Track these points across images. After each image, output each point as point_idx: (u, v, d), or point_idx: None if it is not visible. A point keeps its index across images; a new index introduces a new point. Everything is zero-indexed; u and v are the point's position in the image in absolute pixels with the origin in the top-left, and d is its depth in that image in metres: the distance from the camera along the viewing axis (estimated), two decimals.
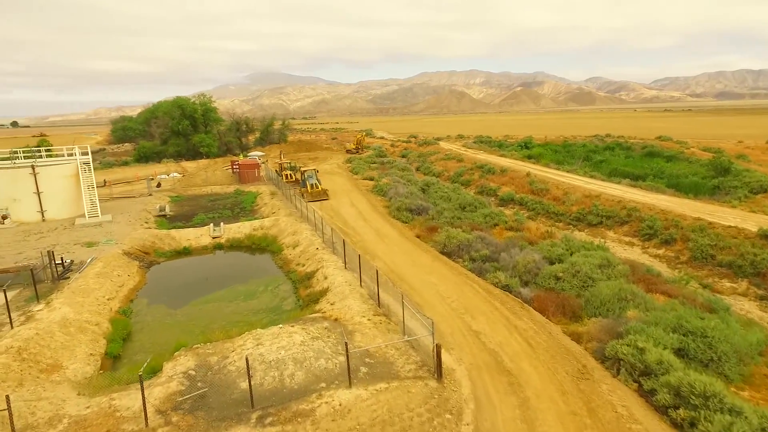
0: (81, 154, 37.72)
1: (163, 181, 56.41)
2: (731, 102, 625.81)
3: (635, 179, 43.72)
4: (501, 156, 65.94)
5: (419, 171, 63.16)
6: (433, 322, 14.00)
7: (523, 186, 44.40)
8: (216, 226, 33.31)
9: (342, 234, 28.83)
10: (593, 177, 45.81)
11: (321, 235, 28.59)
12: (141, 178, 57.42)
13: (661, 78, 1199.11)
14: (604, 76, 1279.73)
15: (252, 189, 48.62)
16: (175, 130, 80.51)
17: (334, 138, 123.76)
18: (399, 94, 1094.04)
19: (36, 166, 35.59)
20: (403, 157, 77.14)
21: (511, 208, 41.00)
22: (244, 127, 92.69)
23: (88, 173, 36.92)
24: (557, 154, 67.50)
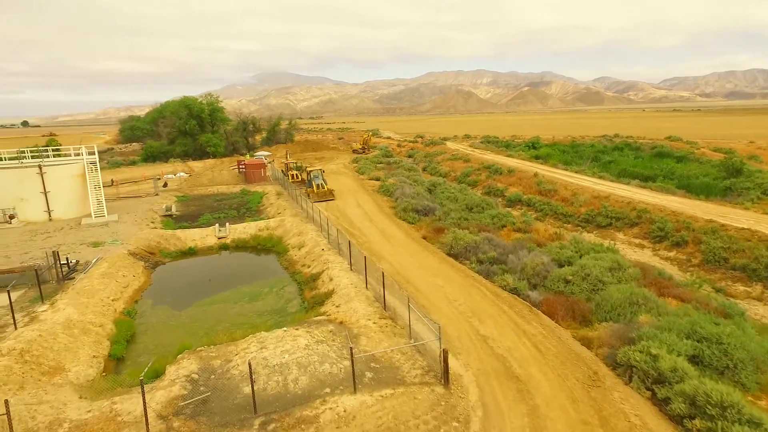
0: (88, 153, 37.78)
1: (170, 181, 56.50)
2: (742, 102, 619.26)
3: (645, 180, 43.18)
4: (508, 156, 65.45)
5: (426, 171, 62.83)
6: (440, 326, 13.71)
7: (531, 187, 43.95)
8: (221, 226, 33.19)
9: (348, 235, 28.58)
10: (602, 178, 45.28)
11: (326, 236, 28.36)
12: (148, 177, 57.58)
13: (670, 78, 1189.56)
14: (612, 75, 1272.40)
15: (258, 189, 48.53)
16: (183, 129, 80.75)
17: (340, 138, 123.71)
18: (406, 94, 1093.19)
19: (43, 165, 35.67)
20: (410, 157, 76.85)
21: (519, 209, 40.59)
22: (250, 127, 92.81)
23: (94, 173, 36.97)
24: (565, 154, 66.92)
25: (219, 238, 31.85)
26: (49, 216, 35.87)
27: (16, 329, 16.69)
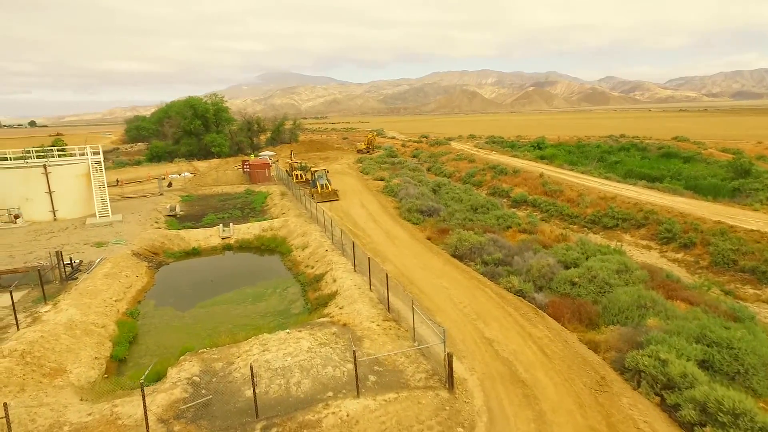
0: (92, 153, 37.81)
1: (175, 181, 56.53)
2: (749, 102, 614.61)
3: (652, 181, 42.72)
4: (513, 156, 65.05)
5: (430, 171, 62.56)
6: (445, 329, 13.50)
7: (536, 187, 43.61)
8: (225, 226, 33.11)
9: (352, 235, 28.41)
10: (608, 178, 44.84)
11: (330, 237, 28.20)
12: (153, 177, 57.62)
13: (676, 78, 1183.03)
14: (617, 75, 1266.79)
15: (262, 189, 48.46)
16: (187, 129, 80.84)
17: (345, 138, 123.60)
18: (410, 93, 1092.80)
19: (48, 165, 35.72)
20: (414, 158, 76.58)
21: (524, 209, 40.28)
22: (255, 127, 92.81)
23: (99, 173, 36.97)
24: (571, 154, 66.48)
25: (223, 238, 31.77)
26: (54, 216, 35.92)
27: (18, 330, 16.63)
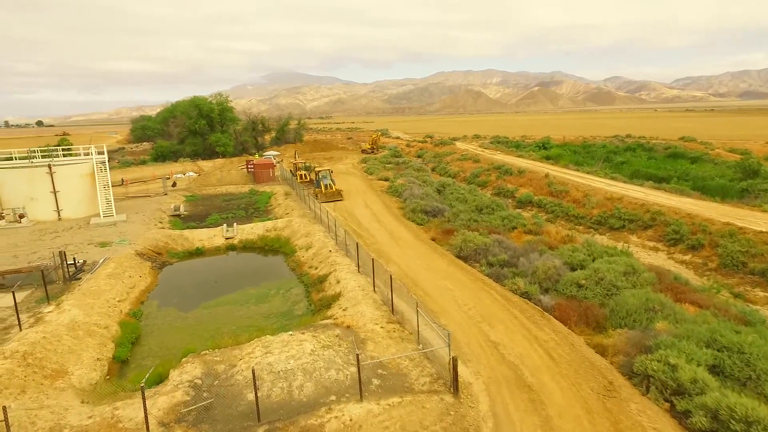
0: (97, 153, 37.83)
1: (179, 181, 56.58)
2: (757, 102, 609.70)
3: (658, 181, 42.32)
4: (518, 156, 64.74)
5: (435, 171, 62.34)
6: (450, 333, 13.29)
7: (542, 188, 43.31)
8: (229, 226, 33.03)
9: (355, 236, 28.24)
10: (614, 179, 44.50)
11: (334, 237, 28.04)
12: (158, 177, 57.68)
13: (683, 77, 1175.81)
14: (623, 75, 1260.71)
15: (266, 189, 48.37)
16: (192, 129, 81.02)
17: (349, 138, 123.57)
18: (415, 93, 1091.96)
19: (53, 165, 35.76)
20: (419, 158, 76.39)
21: (530, 210, 40.01)
22: (260, 127, 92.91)
23: (103, 172, 36.99)
24: (576, 155, 66.07)
25: (226, 238, 31.68)
26: (59, 215, 35.96)
27: (20, 330, 16.56)
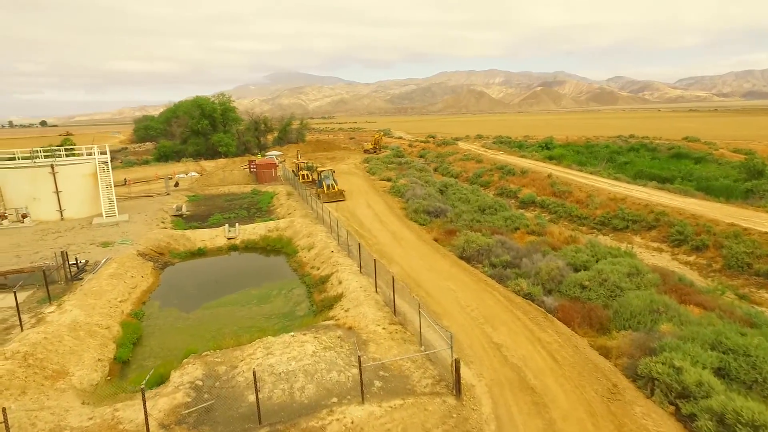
0: (99, 153, 37.86)
1: (182, 181, 56.62)
2: (761, 102, 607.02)
3: (662, 182, 42.12)
4: (521, 157, 64.54)
5: (437, 172, 62.19)
6: (452, 334, 13.18)
7: (545, 188, 43.15)
8: (231, 226, 32.98)
9: (358, 236, 28.16)
10: (618, 179, 44.29)
11: (336, 238, 27.96)
12: (160, 177, 57.73)
13: (686, 77, 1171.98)
14: (626, 75, 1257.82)
15: (269, 189, 48.34)
16: (195, 129, 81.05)
17: (352, 138, 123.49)
18: (417, 93, 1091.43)
19: (55, 165, 35.79)
20: (421, 158, 76.23)
21: (532, 210, 39.85)
22: (262, 127, 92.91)
23: (106, 172, 37.01)
24: (579, 155, 65.87)
25: (228, 238, 31.63)
26: (61, 215, 35.99)
27: (22, 331, 16.53)
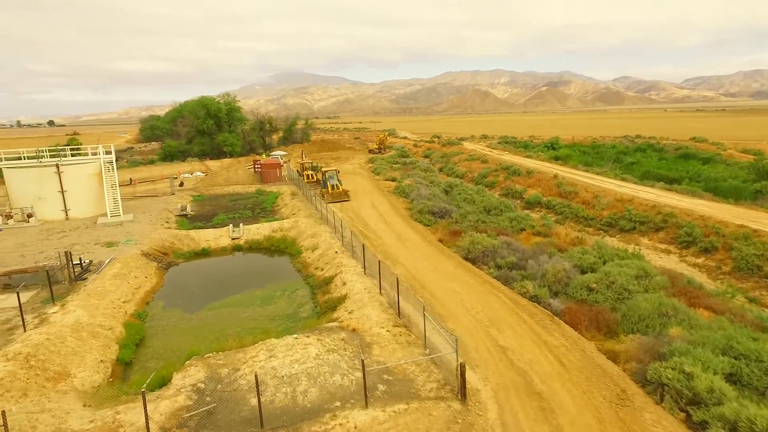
0: (104, 153, 37.88)
1: (187, 180, 56.64)
2: None
3: (670, 182, 41.66)
4: (527, 157, 64.12)
5: (442, 172, 61.93)
6: (457, 338, 12.98)
7: (551, 188, 42.80)
8: (235, 227, 32.90)
9: (362, 237, 27.98)
10: (624, 180, 43.88)
11: (340, 238, 27.80)
12: (165, 176, 57.77)
13: (693, 77, 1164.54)
14: (632, 75, 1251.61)
15: (273, 189, 48.26)
16: (200, 129, 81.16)
17: (356, 138, 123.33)
18: (422, 93, 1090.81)
19: (60, 165, 35.84)
20: (426, 158, 76.00)
21: (538, 211, 39.53)
22: (267, 127, 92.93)
23: (111, 172, 37.02)
24: (585, 155, 65.42)
25: (233, 238, 31.55)
26: (66, 215, 36.04)
27: (25, 331, 16.47)
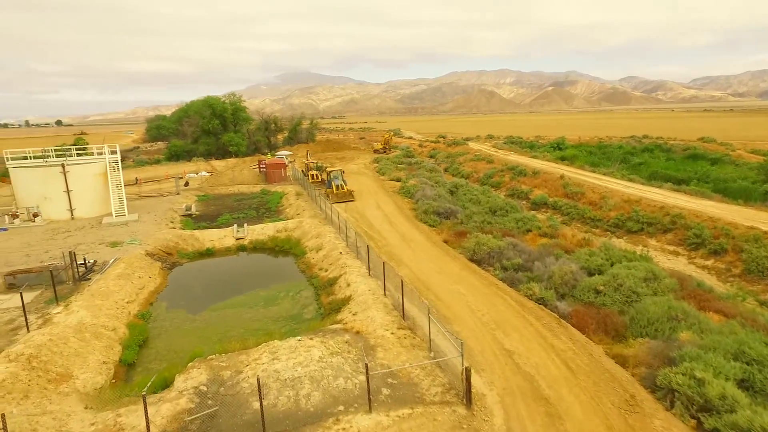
0: (110, 152, 37.94)
1: (192, 180, 56.70)
2: None
3: (678, 183, 41.27)
4: (532, 157, 63.72)
5: (448, 172, 61.66)
6: (463, 342, 12.76)
7: (557, 189, 42.47)
8: (240, 227, 32.83)
9: (366, 238, 27.82)
10: (632, 180, 43.45)
11: (345, 239, 27.64)
12: (171, 176, 57.85)
13: (701, 77, 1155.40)
14: (639, 75, 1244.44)
15: (278, 189, 48.20)
16: (206, 129, 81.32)
17: (362, 137, 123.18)
18: (428, 93, 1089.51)
19: (66, 164, 35.92)
20: (432, 158, 75.70)
21: (544, 212, 39.20)
22: (272, 127, 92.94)
23: (116, 172, 37.06)
24: (592, 155, 64.98)
25: (237, 239, 31.47)
26: (72, 215, 36.11)
27: (28, 332, 16.42)
